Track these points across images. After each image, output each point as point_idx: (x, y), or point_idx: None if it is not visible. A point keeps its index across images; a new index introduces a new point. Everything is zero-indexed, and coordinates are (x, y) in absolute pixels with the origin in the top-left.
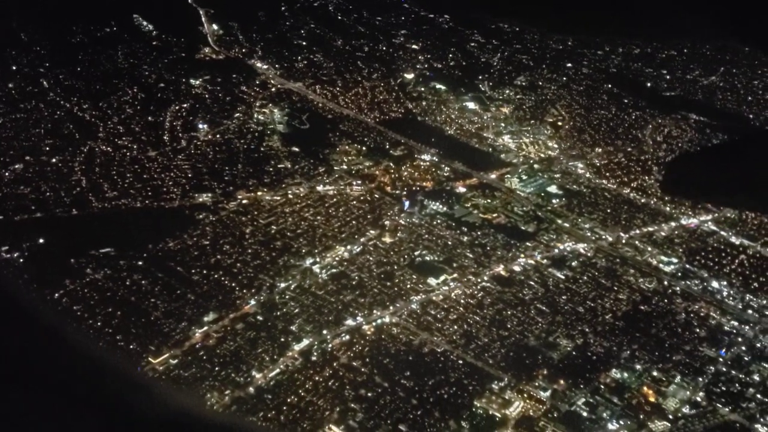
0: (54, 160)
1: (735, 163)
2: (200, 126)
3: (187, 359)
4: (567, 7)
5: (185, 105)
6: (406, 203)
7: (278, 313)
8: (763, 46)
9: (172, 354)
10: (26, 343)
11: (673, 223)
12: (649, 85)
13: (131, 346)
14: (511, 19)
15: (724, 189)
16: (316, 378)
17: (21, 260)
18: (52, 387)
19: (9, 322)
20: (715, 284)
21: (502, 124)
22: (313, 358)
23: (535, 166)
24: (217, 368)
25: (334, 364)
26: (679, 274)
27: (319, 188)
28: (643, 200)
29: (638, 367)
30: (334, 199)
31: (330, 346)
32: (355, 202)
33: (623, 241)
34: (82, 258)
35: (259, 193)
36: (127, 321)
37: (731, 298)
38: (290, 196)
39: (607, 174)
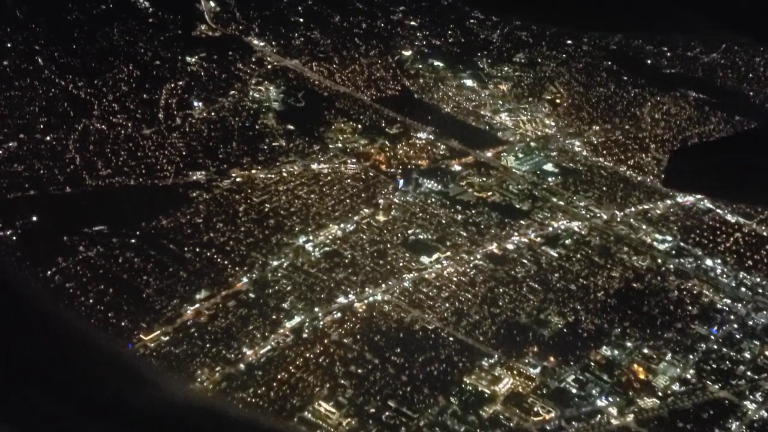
0: (48, 138)
1: (741, 157)
2: (195, 104)
3: (178, 336)
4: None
5: (180, 83)
6: (401, 182)
7: (270, 291)
8: (761, 39)
9: (164, 331)
10: (25, 338)
11: (668, 201)
12: (649, 62)
13: (123, 323)
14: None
15: (729, 183)
16: (307, 355)
17: (14, 238)
18: (50, 386)
19: (7, 318)
20: (709, 262)
21: (500, 102)
22: (305, 335)
23: (532, 144)
24: (208, 345)
25: (325, 341)
26: (673, 252)
27: (314, 166)
28: (639, 178)
29: (629, 344)
30: (329, 178)
31: (321, 323)
32: (349, 181)
33: (618, 219)
34: (75, 236)
35: (253, 171)
36: (119, 298)
37: (725, 276)
38: (284, 174)
39: (604, 152)
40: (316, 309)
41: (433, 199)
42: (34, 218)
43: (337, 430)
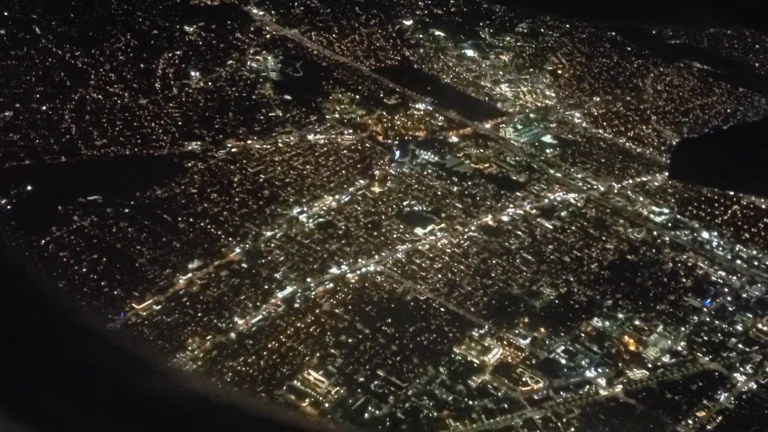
0: (44, 107)
1: (747, 148)
2: (192, 73)
3: (170, 305)
4: None
5: (178, 52)
6: (397, 153)
7: (263, 261)
8: (764, 28)
9: (156, 300)
10: (29, 332)
11: (667, 173)
12: (654, 32)
13: (115, 292)
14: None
15: (736, 175)
16: (298, 324)
17: (8, 207)
18: (54, 379)
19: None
20: (705, 235)
21: (501, 73)
22: (296, 305)
23: (531, 115)
24: (199, 314)
25: (317, 311)
26: (670, 224)
27: (310, 137)
28: (638, 150)
29: (620, 316)
30: (325, 149)
31: (313, 293)
32: (345, 152)
33: (615, 191)
34: (70, 205)
35: (249, 142)
36: (112, 267)
37: (721, 249)
38: (280, 144)
39: (604, 123)
40: (309, 279)
41: (429, 171)
42: (29, 188)
43: (326, 398)
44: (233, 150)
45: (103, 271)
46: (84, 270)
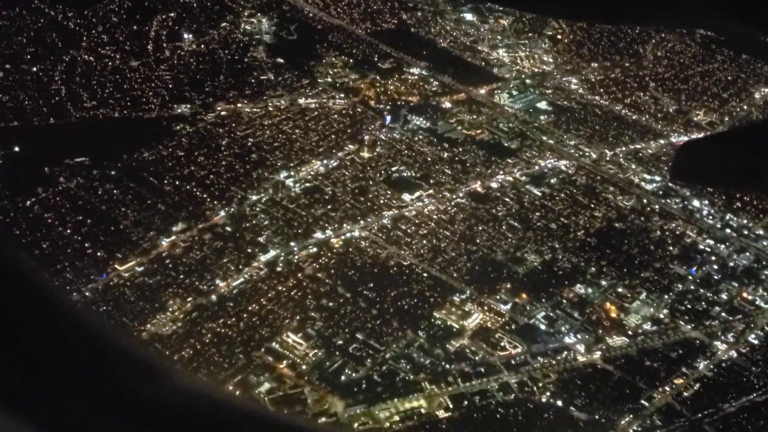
0: (35, 68)
1: (751, 149)
2: (185, 36)
3: (152, 267)
4: None
5: (172, 14)
6: (388, 118)
7: (247, 225)
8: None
9: (138, 261)
10: (30, 331)
11: (662, 141)
12: None
13: (98, 254)
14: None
15: (739, 177)
16: (280, 288)
17: None
18: (57, 379)
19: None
20: (696, 203)
21: (499, 37)
22: (278, 269)
23: (528, 81)
24: (181, 276)
25: (299, 275)
26: (660, 192)
27: (301, 101)
28: (634, 117)
29: (604, 283)
30: (315, 113)
31: (296, 257)
32: (336, 116)
33: (607, 159)
34: (56, 167)
35: (239, 105)
36: (96, 229)
37: (711, 217)
38: (270, 108)
39: (601, 90)
40: (292, 244)
41: (420, 136)
42: (16, 149)
43: (303, 360)
44: (222, 113)
45: (87, 232)
46: (68, 231)
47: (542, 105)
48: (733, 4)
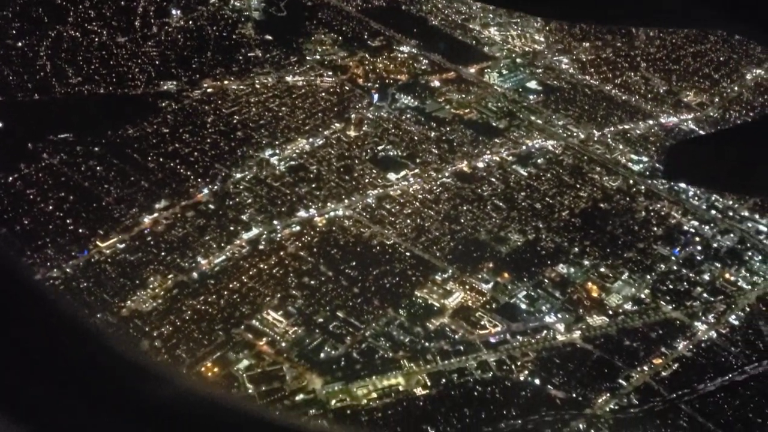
0: (20, 44)
1: (743, 149)
2: (173, 12)
3: (134, 244)
4: None
5: None
6: (375, 96)
7: (230, 203)
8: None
9: (120, 238)
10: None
11: (650, 122)
12: None
13: (80, 230)
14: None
15: (732, 176)
16: (261, 266)
17: None
18: (55, 381)
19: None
20: (682, 184)
21: (491, 15)
22: (261, 247)
23: (518, 60)
24: (163, 253)
25: (281, 253)
26: (647, 172)
27: (288, 79)
28: (624, 97)
29: (586, 263)
30: (302, 91)
31: (279, 235)
32: (323, 94)
33: (595, 139)
34: (40, 143)
35: (226, 82)
36: (79, 205)
37: (696, 198)
38: (257, 85)
39: (592, 70)
40: (275, 222)
41: (408, 115)
42: (0, 124)
43: (283, 338)
44: (209, 90)
45: (69, 209)
46: (50, 208)
47: (532, 84)
48: (733, 5)
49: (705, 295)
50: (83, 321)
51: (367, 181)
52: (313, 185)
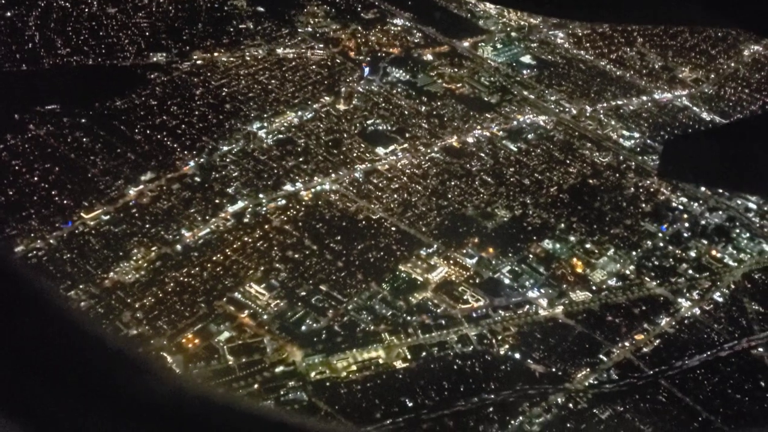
0: (9, 14)
1: (736, 146)
2: None
3: (118, 216)
4: None
5: None
6: (366, 70)
7: (216, 176)
8: (763, 32)
9: (105, 210)
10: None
11: (644, 97)
12: None
13: (65, 201)
14: None
15: (725, 172)
16: (246, 239)
17: None
18: (50, 379)
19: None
20: (676, 180)
21: None
22: (245, 220)
23: (513, 34)
24: (147, 225)
25: (266, 227)
26: (638, 149)
27: (279, 51)
28: (618, 73)
29: (572, 238)
30: (293, 63)
31: (264, 209)
32: (314, 67)
33: (587, 114)
34: (27, 114)
35: (216, 54)
36: (64, 177)
37: None
38: (247, 58)
39: (587, 44)
40: (261, 195)
41: (399, 89)
42: None
43: (265, 310)
44: (198, 62)
45: (55, 180)
46: (35, 179)
47: (526, 59)
48: (729, 5)
49: (690, 271)
50: (81, 322)
51: (355, 155)
52: (301, 159)
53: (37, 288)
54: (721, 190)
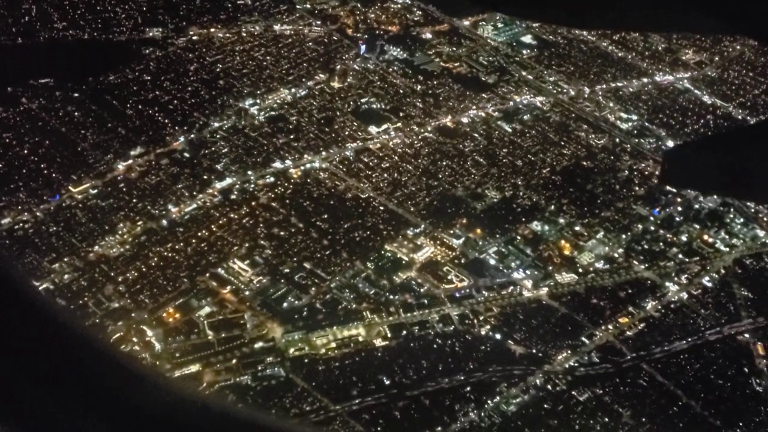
0: None
1: (738, 154)
2: None
3: (106, 190)
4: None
5: None
6: (363, 47)
7: (206, 152)
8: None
9: (93, 184)
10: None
11: (645, 79)
12: None
13: (53, 175)
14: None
15: (727, 181)
16: (232, 215)
17: None
18: (49, 384)
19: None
20: (670, 143)
21: None
22: (233, 197)
23: None
24: (134, 200)
25: (253, 204)
26: (635, 131)
27: (276, 27)
28: (620, 54)
29: (561, 221)
30: (289, 40)
31: (252, 186)
32: (310, 44)
33: (585, 96)
34: (20, 87)
35: (212, 30)
36: (54, 150)
37: None
38: (244, 34)
39: None
40: (250, 172)
41: (395, 68)
42: None
43: (247, 287)
44: (194, 38)
45: (45, 153)
46: (25, 152)
47: (527, 39)
48: (729, 13)
49: (680, 256)
50: (78, 327)
51: (346, 133)
52: (292, 136)
53: (38, 293)
54: (722, 199)
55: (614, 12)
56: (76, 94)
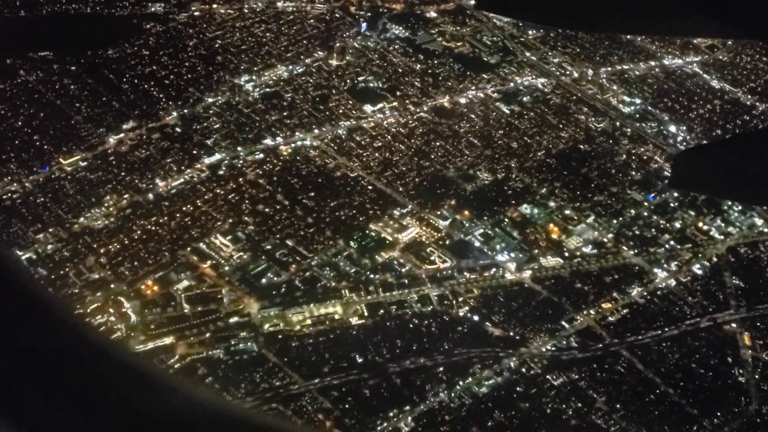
0: None
1: (747, 158)
2: None
3: (96, 162)
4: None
5: None
6: (364, 25)
7: (197, 127)
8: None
9: (83, 157)
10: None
11: (652, 62)
12: None
13: (45, 147)
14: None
15: (736, 184)
16: (218, 191)
17: None
18: (50, 384)
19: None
20: (672, 128)
21: None
22: (220, 172)
23: None
24: (123, 173)
25: (240, 180)
26: (637, 115)
27: (279, 4)
28: (628, 36)
29: (552, 204)
30: (291, 17)
31: (240, 162)
32: (312, 21)
33: (588, 78)
34: (19, 59)
35: (214, 6)
36: (48, 122)
37: (684, 144)
38: (245, 10)
39: None
40: (239, 148)
41: (396, 46)
42: None
43: (227, 262)
44: (196, 14)
45: (38, 125)
46: (19, 123)
47: None
48: (730, 14)
49: (672, 242)
50: (81, 328)
51: (341, 111)
52: (285, 114)
53: (37, 294)
54: (731, 202)
55: (618, 16)
56: (74, 68)
